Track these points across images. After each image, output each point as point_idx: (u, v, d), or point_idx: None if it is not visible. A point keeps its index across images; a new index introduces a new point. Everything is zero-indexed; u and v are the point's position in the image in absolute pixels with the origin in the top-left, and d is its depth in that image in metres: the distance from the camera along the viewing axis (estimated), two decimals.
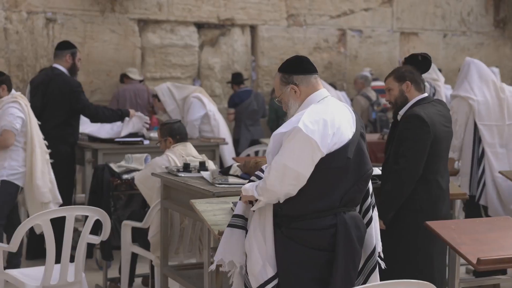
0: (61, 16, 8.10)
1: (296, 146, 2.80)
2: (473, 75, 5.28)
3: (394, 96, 3.94)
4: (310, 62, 3.05)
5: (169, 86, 6.94)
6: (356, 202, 3.00)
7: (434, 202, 3.85)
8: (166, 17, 8.68)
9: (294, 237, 2.91)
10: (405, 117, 3.87)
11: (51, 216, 3.74)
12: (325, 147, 2.82)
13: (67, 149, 5.90)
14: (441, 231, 2.77)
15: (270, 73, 9.37)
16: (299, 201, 2.89)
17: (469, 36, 10.61)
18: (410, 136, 3.80)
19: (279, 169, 2.83)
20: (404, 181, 3.80)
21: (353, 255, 2.93)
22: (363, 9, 9.88)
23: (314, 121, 2.83)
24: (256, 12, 9.20)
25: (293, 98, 3.00)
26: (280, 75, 3.04)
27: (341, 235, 2.88)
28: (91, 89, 8.16)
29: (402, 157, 3.81)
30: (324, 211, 2.89)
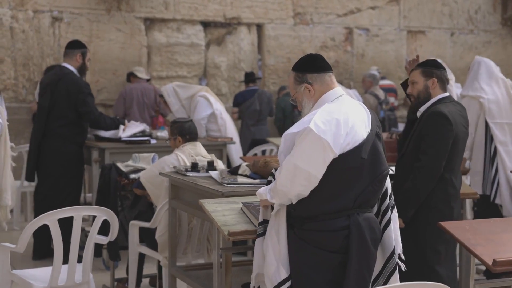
0: (67, 15, 8.07)
1: (307, 146, 2.76)
2: (482, 74, 5.24)
3: (418, 90, 3.91)
4: (324, 60, 3.00)
5: (174, 86, 6.91)
6: (371, 203, 2.95)
7: (448, 201, 3.83)
8: (173, 15, 8.64)
9: (307, 239, 2.88)
10: (428, 114, 3.83)
11: (58, 216, 3.70)
12: (338, 147, 2.78)
13: (76, 149, 5.87)
14: (455, 232, 2.72)
15: (276, 72, 9.33)
16: (312, 202, 2.85)
17: (477, 34, 10.55)
18: (433, 133, 3.77)
19: (290, 169, 2.79)
20: (426, 179, 3.77)
21: (367, 258, 2.88)
22: (370, 8, 9.82)
23: (326, 121, 2.78)
24: (263, 11, 9.15)
25: (307, 97, 2.96)
26: (294, 74, 2.99)
27: (354, 237, 2.83)
28: (97, 88, 8.13)
29: (424, 154, 3.77)
30: (337, 212, 2.85)
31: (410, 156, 3.85)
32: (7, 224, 6.98)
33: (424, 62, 3.99)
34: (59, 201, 5.68)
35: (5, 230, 4.91)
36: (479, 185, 5.19)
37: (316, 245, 2.86)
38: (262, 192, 2.97)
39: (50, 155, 5.80)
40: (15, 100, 7.90)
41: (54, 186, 5.80)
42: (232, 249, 3.64)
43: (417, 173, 3.77)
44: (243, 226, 3.23)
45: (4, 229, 4.79)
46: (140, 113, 7.66)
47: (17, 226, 6.90)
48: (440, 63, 3.99)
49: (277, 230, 2.93)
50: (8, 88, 7.84)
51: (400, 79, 10.06)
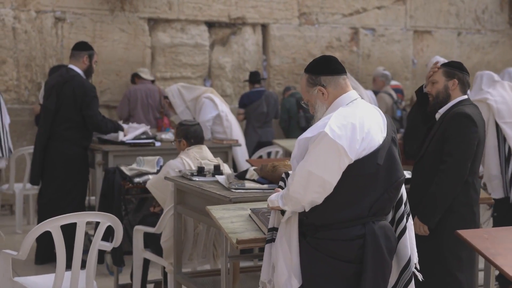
0: (70, 15, 7.98)
1: (322, 152, 2.66)
2: (485, 81, 5.25)
3: (437, 90, 3.82)
4: (338, 62, 2.90)
5: (179, 87, 6.82)
6: (386, 211, 2.84)
7: (471, 205, 3.75)
8: (177, 16, 8.54)
9: (320, 248, 2.77)
10: (452, 115, 3.75)
11: (61, 222, 3.60)
12: (354, 153, 2.67)
13: (81, 152, 5.77)
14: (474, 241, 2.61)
15: (281, 72, 9.23)
16: (325, 209, 2.74)
17: (484, 34, 10.43)
18: (459, 134, 3.69)
19: (303, 175, 2.68)
20: (453, 182, 3.68)
21: (382, 268, 2.77)
22: (376, 7, 9.71)
23: (342, 125, 2.67)
24: (268, 11, 9.05)
25: (321, 100, 2.85)
26: (307, 76, 2.88)
27: (370, 246, 2.72)
28: (100, 89, 8.02)
29: (449, 156, 3.68)
30: (352, 221, 2.74)
31: (431, 159, 3.76)
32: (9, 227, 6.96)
33: (448, 62, 3.93)
34: (64, 205, 5.60)
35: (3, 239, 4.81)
36: (499, 188, 5.08)
37: (330, 254, 2.75)
38: (274, 199, 2.87)
39: (56, 158, 5.70)
40: (17, 101, 7.81)
41: (59, 190, 5.70)
42: (240, 257, 3.55)
43: (443, 176, 3.68)
44: (251, 233, 3.14)
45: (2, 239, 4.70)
46: (144, 114, 7.57)
47: (20, 230, 6.81)
48: (464, 66, 3.91)
49: (289, 238, 2.82)
50: (10, 89, 7.76)
51: (407, 79, 9.99)
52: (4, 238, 4.80)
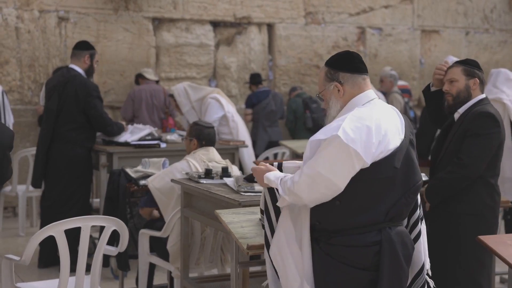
0: (73, 15, 7.87)
1: (332, 154, 2.54)
2: (500, 80, 5.13)
3: (458, 89, 3.71)
4: (361, 60, 2.78)
5: (186, 86, 6.71)
6: (403, 216, 2.73)
7: (494, 208, 3.68)
8: (181, 15, 8.43)
9: (334, 254, 2.65)
10: (474, 114, 3.65)
11: (65, 227, 3.49)
12: (370, 157, 2.56)
13: (85, 153, 5.66)
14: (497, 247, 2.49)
15: (287, 72, 9.11)
16: (340, 214, 2.63)
17: (492, 33, 10.30)
18: (480, 133, 3.59)
19: (311, 175, 2.57)
20: (462, 178, 3.61)
21: (399, 276, 2.66)
22: (383, 6, 9.59)
23: (356, 128, 2.56)
24: (273, 10, 8.94)
25: (336, 97, 2.74)
26: (326, 70, 2.77)
27: (386, 253, 2.61)
28: (104, 90, 7.92)
29: (466, 152, 3.59)
30: (368, 226, 2.63)
31: (451, 158, 3.66)
32: (12, 230, 6.86)
33: (464, 60, 3.80)
34: (67, 208, 5.51)
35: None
36: (511, 191, 4.96)
37: (344, 261, 2.64)
38: (273, 180, 2.73)
39: (59, 160, 5.59)
40: (20, 102, 7.71)
41: (63, 193, 5.59)
42: (250, 263, 3.44)
43: (456, 169, 3.61)
44: (262, 239, 3.01)
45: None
46: (149, 115, 7.46)
47: (23, 232, 6.72)
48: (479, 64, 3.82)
49: (300, 243, 2.70)
50: (13, 90, 7.65)
51: (414, 79, 9.86)
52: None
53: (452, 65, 3.79)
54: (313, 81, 9.21)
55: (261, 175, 2.82)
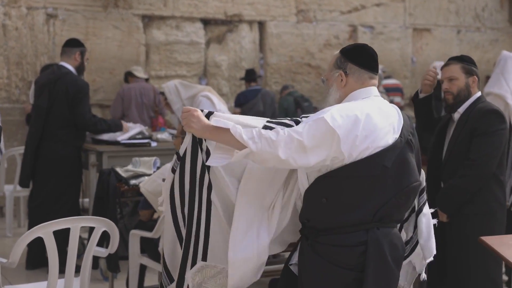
0: (62, 12, 7.76)
1: (318, 132, 2.48)
2: (510, 70, 4.89)
3: (459, 87, 3.64)
4: (375, 59, 2.74)
5: (177, 84, 6.62)
6: (394, 218, 2.66)
7: (504, 206, 3.62)
8: (172, 13, 8.34)
9: (321, 253, 2.60)
10: (480, 112, 3.58)
11: (54, 228, 3.39)
12: (348, 147, 2.48)
13: (75, 152, 5.55)
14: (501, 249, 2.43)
15: (278, 71, 9.04)
16: (327, 212, 2.58)
17: (484, 32, 10.27)
18: (488, 131, 3.53)
19: (292, 136, 2.49)
20: (478, 178, 3.53)
21: (387, 277, 2.60)
22: (375, 5, 9.53)
23: (346, 115, 2.51)
24: (265, 8, 8.86)
25: (337, 86, 2.71)
26: (339, 56, 2.74)
27: (372, 253, 2.55)
28: (93, 88, 7.81)
29: (477, 152, 3.53)
30: (355, 226, 2.57)
31: (460, 159, 3.59)
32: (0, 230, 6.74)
33: (461, 57, 3.72)
34: (56, 208, 5.40)
35: None
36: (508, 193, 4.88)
37: (331, 260, 2.59)
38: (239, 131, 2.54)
39: (49, 159, 5.48)
40: (7, 100, 7.59)
41: (51, 192, 5.48)
42: None
43: (469, 170, 3.53)
44: None
45: None
46: (139, 114, 7.36)
47: (10, 233, 6.60)
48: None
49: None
50: (0, 88, 7.53)
51: (406, 78, 9.81)
52: None
53: (449, 62, 3.70)
54: (304, 80, 9.14)
55: (196, 117, 2.66)
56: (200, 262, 2.85)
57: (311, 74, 9.20)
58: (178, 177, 2.88)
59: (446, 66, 3.69)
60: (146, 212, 4.46)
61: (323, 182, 2.58)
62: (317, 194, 2.60)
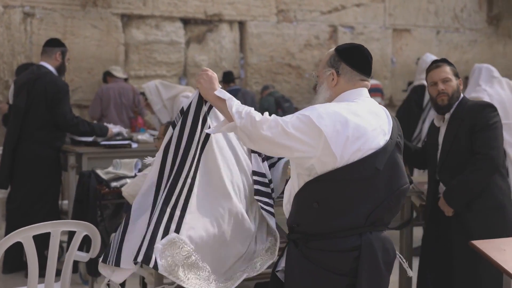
0: (39, 11, 7.63)
1: (303, 126, 2.44)
2: (483, 78, 5.06)
3: (453, 89, 3.67)
4: (369, 61, 2.69)
5: (157, 84, 6.53)
6: (385, 221, 2.61)
7: (509, 197, 3.64)
8: (151, 12, 8.24)
9: (312, 258, 2.54)
10: (474, 109, 3.61)
11: (34, 232, 3.30)
12: (339, 148, 2.43)
13: (54, 154, 5.45)
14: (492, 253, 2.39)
15: (259, 71, 8.98)
16: (319, 217, 2.52)
17: (462, 33, 10.31)
18: (488, 124, 3.56)
19: (278, 123, 2.46)
20: (490, 171, 3.55)
21: (378, 283, 2.56)
22: (355, 5, 9.52)
23: (334, 115, 2.46)
24: (245, 8, 8.80)
25: (327, 84, 2.66)
26: (333, 54, 2.69)
27: (365, 259, 2.50)
28: (71, 88, 7.66)
29: (486, 146, 3.53)
30: (348, 230, 2.51)
31: (460, 157, 3.60)
32: None
33: (444, 60, 3.75)
34: (35, 210, 5.29)
35: None
36: None
37: (323, 266, 2.53)
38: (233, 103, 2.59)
39: (27, 160, 5.37)
40: None
41: (30, 194, 5.37)
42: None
43: (482, 164, 3.53)
44: None
45: None
46: (118, 114, 7.26)
47: None
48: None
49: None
50: None
51: (386, 78, 9.81)
52: None
53: (438, 64, 3.71)
54: (285, 80, 9.10)
55: (209, 77, 2.72)
56: (172, 233, 2.66)
57: (292, 75, 9.16)
58: (178, 132, 2.76)
59: (437, 68, 3.68)
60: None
61: (315, 186, 2.52)
62: (308, 198, 2.54)
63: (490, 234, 3.45)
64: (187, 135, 2.74)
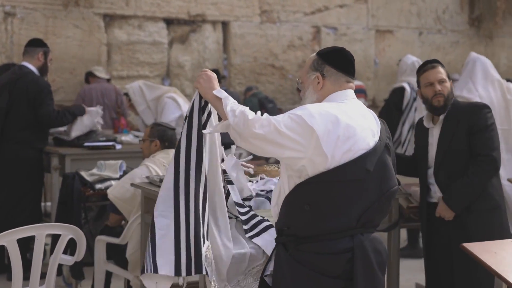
0: (20, 10, 7.53)
1: (295, 125, 2.44)
2: (477, 74, 4.93)
3: (448, 90, 3.66)
4: (352, 63, 2.69)
5: (141, 85, 6.47)
6: (375, 223, 2.60)
7: (503, 198, 3.67)
8: (134, 12, 8.18)
9: (304, 261, 2.52)
10: (471, 109, 3.61)
11: (18, 236, 3.25)
12: (330, 147, 2.43)
13: (36, 155, 5.37)
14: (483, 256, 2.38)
15: (242, 71, 8.95)
16: (310, 219, 2.50)
17: (445, 34, 10.36)
18: (486, 125, 3.56)
19: (270, 121, 2.45)
20: (492, 172, 3.55)
21: (374, 284, 2.54)
22: (338, 6, 9.52)
23: (325, 114, 2.45)
24: (228, 8, 8.76)
25: (313, 88, 2.65)
26: (315, 58, 2.68)
27: (359, 260, 2.49)
28: (53, 88, 7.47)
29: (487, 147, 3.54)
30: (339, 232, 2.49)
31: (458, 157, 3.59)
32: None
33: (438, 61, 3.73)
34: (16, 212, 5.23)
35: None
36: None
37: (315, 269, 2.50)
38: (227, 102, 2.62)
39: (8, 161, 5.30)
40: None
41: (11, 196, 5.29)
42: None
43: (486, 165, 3.53)
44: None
45: None
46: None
47: None
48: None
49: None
50: None
51: (369, 79, 9.83)
52: None
53: (433, 64, 3.68)
54: (268, 81, 9.08)
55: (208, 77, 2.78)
56: (206, 240, 2.77)
57: (275, 75, 9.14)
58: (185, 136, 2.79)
59: (433, 69, 3.66)
60: (116, 217, 4.32)
61: (306, 188, 2.50)
62: (299, 201, 2.52)
63: (489, 235, 3.46)
64: (196, 138, 2.77)
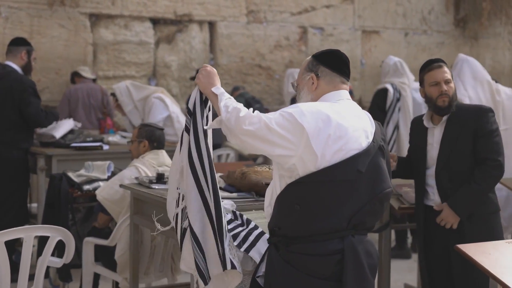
0: (5, 9, 7.45)
1: (286, 123, 2.43)
2: (466, 74, 4.92)
3: (453, 90, 3.62)
4: (347, 64, 2.73)
5: (128, 85, 6.42)
6: (367, 225, 2.59)
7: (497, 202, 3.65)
8: (120, 11, 8.12)
9: (294, 262, 2.50)
10: (475, 112, 3.57)
11: (5, 238, 3.20)
12: (320, 146, 2.42)
13: (21, 155, 5.30)
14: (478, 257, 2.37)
15: (229, 72, 8.92)
16: (300, 220, 2.49)
17: (430, 35, 10.40)
18: (492, 130, 3.53)
19: (261, 119, 2.45)
20: (498, 177, 3.54)
21: (363, 287, 2.52)
22: (325, 6, 9.52)
23: (316, 112, 2.45)
24: (215, 8, 8.73)
25: (308, 89, 2.65)
26: (310, 60, 2.70)
27: (349, 262, 2.47)
28: (38, 89, 7.35)
29: (494, 152, 3.52)
30: (329, 233, 2.48)
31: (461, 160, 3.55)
32: None
33: (443, 60, 3.67)
34: (1, 214, 5.17)
35: None
36: None
37: (304, 270, 2.49)
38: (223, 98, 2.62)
39: None
40: None
41: None
42: None
43: (494, 171, 3.52)
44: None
45: None
46: (86, 115, 7.13)
47: None
48: None
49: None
50: None
51: (355, 80, 9.84)
52: None
53: (439, 64, 3.59)
54: (255, 81, 9.06)
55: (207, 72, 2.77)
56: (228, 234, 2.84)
57: (262, 75, 9.12)
58: (193, 135, 2.79)
59: (440, 68, 3.57)
60: (105, 217, 4.28)
61: (296, 188, 2.49)
62: (290, 201, 2.51)
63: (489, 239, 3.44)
64: (203, 136, 2.79)
